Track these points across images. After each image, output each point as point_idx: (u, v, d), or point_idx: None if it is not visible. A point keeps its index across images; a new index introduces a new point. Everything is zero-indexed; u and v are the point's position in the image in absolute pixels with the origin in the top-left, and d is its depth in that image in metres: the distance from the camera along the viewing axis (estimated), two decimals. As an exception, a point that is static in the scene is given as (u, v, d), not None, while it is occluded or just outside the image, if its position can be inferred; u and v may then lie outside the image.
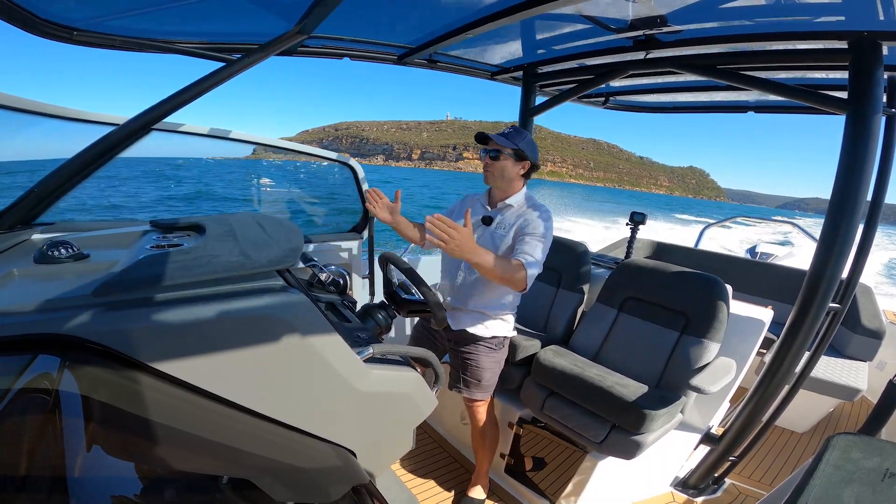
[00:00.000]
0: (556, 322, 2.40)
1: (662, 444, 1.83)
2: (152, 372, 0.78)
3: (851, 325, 3.02)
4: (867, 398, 3.38)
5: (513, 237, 1.71)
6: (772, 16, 1.55)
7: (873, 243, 2.04)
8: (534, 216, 1.70)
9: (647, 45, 1.93)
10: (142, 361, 0.77)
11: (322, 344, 0.94)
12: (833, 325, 1.91)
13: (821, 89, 1.93)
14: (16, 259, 1.04)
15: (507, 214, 1.77)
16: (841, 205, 1.59)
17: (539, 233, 1.65)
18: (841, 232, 1.60)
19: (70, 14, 1.35)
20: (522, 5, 1.52)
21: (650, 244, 4.35)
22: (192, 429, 0.78)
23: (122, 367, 0.76)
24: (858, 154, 1.55)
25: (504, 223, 1.76)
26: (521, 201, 1.78)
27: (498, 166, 1.72)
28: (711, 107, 2.98)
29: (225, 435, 0.83)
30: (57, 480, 0.54)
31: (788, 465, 2.61)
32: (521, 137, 1.71)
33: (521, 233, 1.68)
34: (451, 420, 2.45)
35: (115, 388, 0.73)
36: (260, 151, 2.42)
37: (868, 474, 0.92)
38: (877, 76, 1.51)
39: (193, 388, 0.81)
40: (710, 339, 1.89)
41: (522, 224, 1.70)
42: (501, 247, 1.73)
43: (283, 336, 0.89)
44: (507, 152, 1.70)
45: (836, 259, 1.62)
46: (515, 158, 1.72)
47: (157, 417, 0.74)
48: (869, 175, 1.59)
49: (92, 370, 0.73)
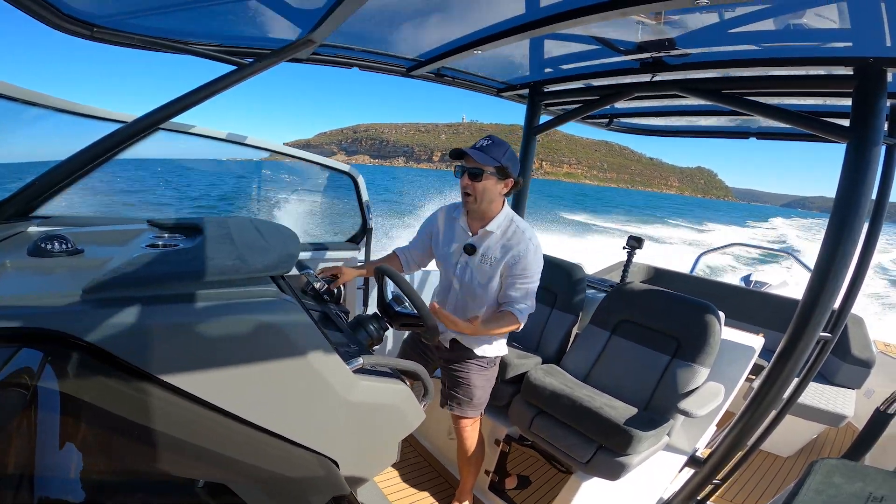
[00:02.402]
0: (548, 341, 2.40)
1: (648, 465, 1.83)
2: (135, 371, 0.77)
3: (841, 353, 3.04)
4: (853, 424, 3.39)
5: (500, 274, 1.62)
6: (780, 41, 1.56)
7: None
8: (521, 251, 1.59)
9: (653, 68, 1.94)
10: (126, 360, 0.77)
11: (311, 352, 0.93)
12: (823, 354, 1.91)
13: (822, 116, 1.95)
14: (9, 251, 1.04)
15: (490, 243, 1.65)
16: (837, 234, 1.59)
17: (530, 273, 1.59)
18: (836, 261, 1.60)
19: (91, 11, 1.37)
20: (532, 24, 1.53)
21: (646, 268, 4.37)
22: (169, 430, 0.77)
23: (106, 365, 0.75)
24: (857, 183, 1.56)
25: (489, 256, 1.64)
26: (505, 225, 1.65)
27: (478, 187, 1.54)
28: (714, 132, 3.01)
29: (203, 437, 0.82)
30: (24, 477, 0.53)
31: (771, 489, 2.60)
32: (502, 151, 1.53)
33: (510, 273, 1.60)
34: (438, 434, 2.44)
35: (96, 386, 0.72)
36: (274, 154, 2.42)
37: (849, 499, 0.92)
38: (879, 105, 1.51)
39: (175, 389, 0.81)
40: (701, 363, 1.90)
41: (511, 262, 1.60)
42: (489, 286, 1.65)
43: (271, 342, 0.88)
44: (489, 171, 1.53)
45: (830, 288, 1.62)
46: (498, 176, 1.55)
47: (135, 417, 0.73)
48: (866, 205, 1.59)
49: (74, 367, 0.72)
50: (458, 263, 1.72)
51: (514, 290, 1.59)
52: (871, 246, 2.00)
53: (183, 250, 0.96)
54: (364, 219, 2.51)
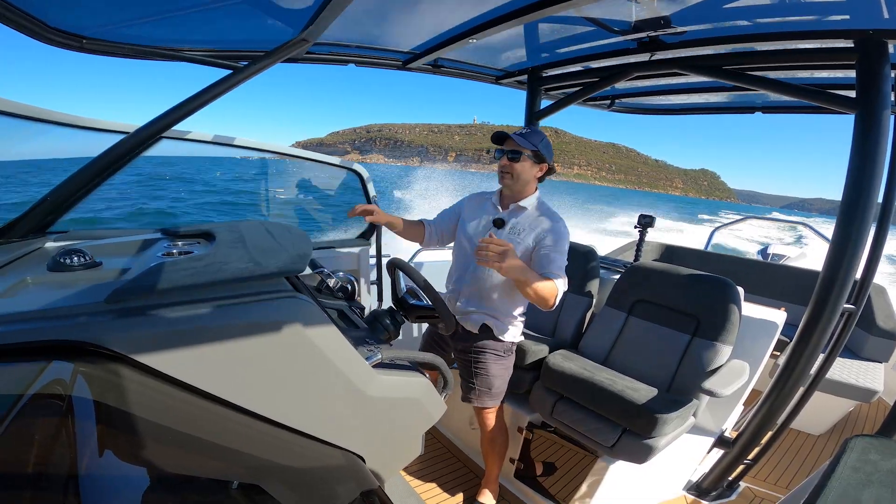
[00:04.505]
0: (564, 326, 2.38)
1: (675, 447, 1.81)
2: (164, 377, 0.79)
3: (866, 326, 2.97)
4: (884, 400, 3.31)
5: (531, 247, 1.66)
6: (776, 15, 1.55)
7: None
8: (552, 226, 1.65)
9: (651, 47, 1.92)
10: (153, 367, 0.78)
11: (331, 349, 0.94)
12: (848, 327, 1.88)
13: (829, 88, 1.91)
14: (29, 267, 1.05)
15: (520, 219, 1.72)
16: (852, 205, 1.57)
17: (561, 247, 1.62)
18: (853, 232, 1.58)
19: (80, 22, 1.37)
20: (525, 9, 1.52)
21: (659, 247, 4.31)
22: (202, 434, 0.79)
23: (135, 372, 0.76)
24: (868, 153, 1.54)
25: (518, 229, 1.70)
26: (535, 205, 1.73)
27: (517, 168, 1.67)
28: (718, 108, 2.96)
29: (235, 440, 0.83)
30: (70, 486, 0.54)
31: (805, 468, 2.56)
32: (539, 139, 1.67)
33: (542, 245, 1.63)
34: (460, 425, 2.44)
35: (127, 393, 0.73)
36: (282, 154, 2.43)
37: (887, 476, 0.90)
38: (884, 74, 1.50)
39: (204, 393, 0.82)
40: (723, 341, 1.87)
41: (541, 234, 1.64)
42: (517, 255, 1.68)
43: (291, 341, 0.89)
44: (526, 153, 1.66)
45: (850, 259, 1.60)
46: (535, 160, 1.68)
47: (169, 422, 0.74)
48: (880, 174, 1.57)
49: (104, 376, 0.74)
50: (485, 236, 1.72)
51: (551, 262, 1.60)
52: (887, 214, 1.97)
53: (197, 257, 0.97)
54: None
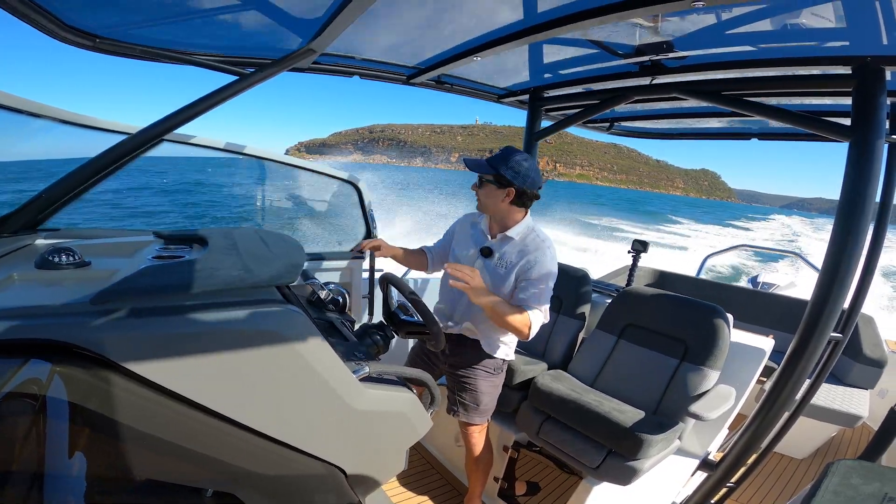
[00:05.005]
0: (555, 347, 2.39)
1: (659, 469, 1.81)
2: (144, 381, 0.77)
3: (853, 354, 3.00)
4: (868, 425, 3.34)
5: (514, 279, 1.63)
6: (777, 41, 1.57)
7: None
8: (538, 257, 1.61)
9: (652, 71, 1.94)
10: (134, 371, 0.77)
11: (318, 361, 0.93)
12: (834, 354, 1.89)
13: (824, 115, 1.94)
14: (17, 263, 1.04)
15: (507, 249, 1.68)
16: (844, 233, 1.58)
17: (542, 279, 1.59)
18: (843, 261, 1.59)
19: (94, 22, 1.39)
20: (530, 30, 1.54)
21: (651, 272, 4.35)
22: (179, 440, 0.77)
23: (113, 375, 0.75)
24: (862, 182, 1.55)
25: (505, 260, 1.67)
26: (523, 234, 1.68)
27: (479, 193, 1.65)
28: (715, 134, 3.01)
29: (213, 447, 0.82)
30: (35, 486, 0.53)
31: (787, 492, 2.56)
32: (506, 162, 1.58)
33: (525, 276, 1.60)
34: (445, 441, 2.42)
35: (104, 396, 0.72)
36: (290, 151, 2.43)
37: (867, 500, 0.90)
38: (880, 102, 1.51)
39: (185, 399, 0.81)
40: (710, 366, 1.88)
41: (525, 266, 1.61)
42: (502, 288, 1.65)
43: (279, 351, 0.88)
44: (486, 178, 1.61)
45: (839, 288, 1.61)
46: (497, 185, 1.60)
47: (145, 427, 0.73)
48: (871, 204, 1.58)
49: (82, 377, 0.72)
50: (473, 265, 1.72)
51: (525, 293, 1.58)
52: (878, 244, 1.99)
53: (189, 262, 0.97)
54: (368, 227, 2.51)
